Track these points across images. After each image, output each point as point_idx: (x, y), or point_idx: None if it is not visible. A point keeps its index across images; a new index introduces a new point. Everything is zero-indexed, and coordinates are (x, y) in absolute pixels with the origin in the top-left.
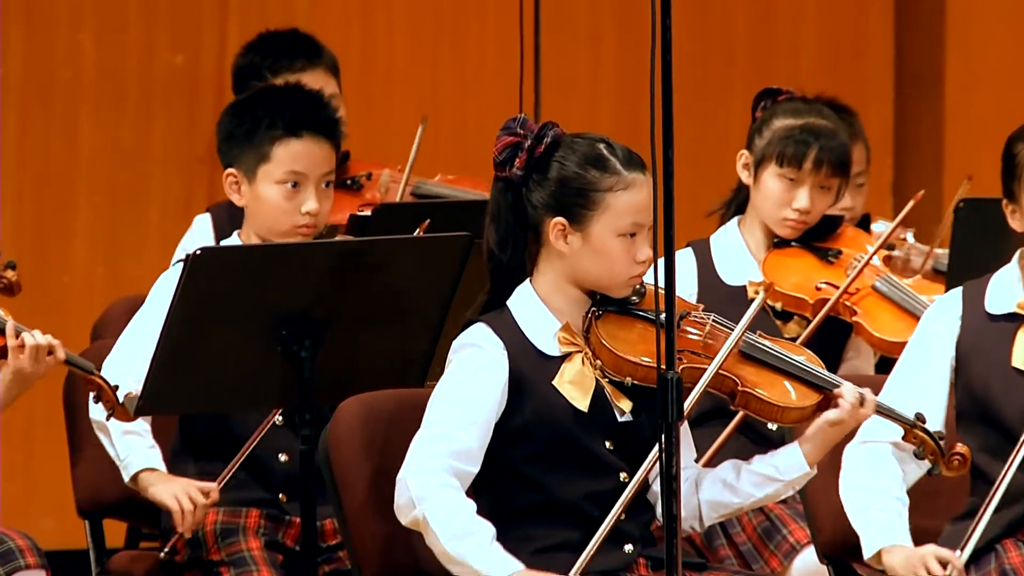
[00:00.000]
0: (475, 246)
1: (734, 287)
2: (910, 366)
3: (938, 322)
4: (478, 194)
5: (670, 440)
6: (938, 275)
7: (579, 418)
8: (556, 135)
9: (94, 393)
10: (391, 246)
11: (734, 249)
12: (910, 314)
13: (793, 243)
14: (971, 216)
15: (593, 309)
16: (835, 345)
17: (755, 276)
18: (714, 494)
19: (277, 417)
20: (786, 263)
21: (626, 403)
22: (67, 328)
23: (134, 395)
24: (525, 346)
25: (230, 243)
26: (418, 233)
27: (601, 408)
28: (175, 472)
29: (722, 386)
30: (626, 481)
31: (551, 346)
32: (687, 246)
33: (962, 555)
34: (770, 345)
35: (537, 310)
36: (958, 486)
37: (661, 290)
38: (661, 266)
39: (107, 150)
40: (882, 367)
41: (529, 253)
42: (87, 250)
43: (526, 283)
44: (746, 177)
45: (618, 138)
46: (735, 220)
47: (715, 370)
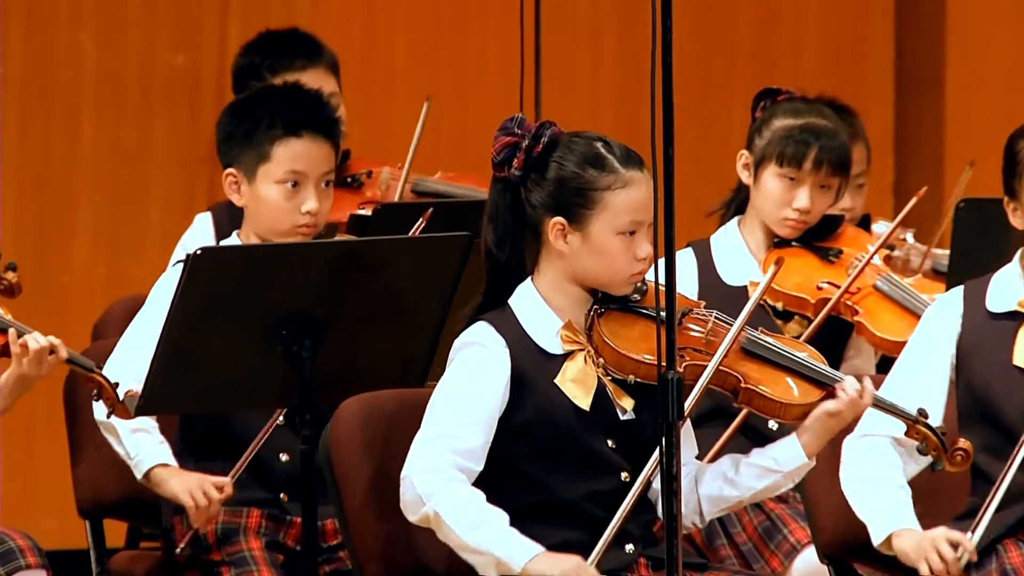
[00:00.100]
0: (475, 246)
1: (734, 287)
2: (911, 364)
3: (939, 320)
4: (478, 191)
5: (671, 440)
6: (938, 275)
7: (581, 416)
8: (554, 134)
9: (95, 391)
10: (391, 246)
11: (734, 249)
12: (912, 313)
13: (794, 243)
14: (971, 216)
15: (596, 307)
16: (836, 345)
17: (755, 276)
18: (714, 489)
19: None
20: (787, 263)
21: (628, 401)
22: (68, 328)
23: (134, 393)
24: (527, 344)
25: (229, 243)
26: (421, 223)
27: (603, 406)
28: None
29: (724, 383)
30: (627, 480)
31: (553, 344)
32: (687, 246)
33: (973, 536)
34: (772, 342)
35: (539, 308)
36: (958, 485)
37: (662, 287)
38: (662, 266)
39: (108, 150)
40: (883, 366)
41: (529, 252)
42: (88, 250)
43: (528, 282)
44: (746, 177)
45: (619, 138)
46: (735, 220)
47: (718, 363)
